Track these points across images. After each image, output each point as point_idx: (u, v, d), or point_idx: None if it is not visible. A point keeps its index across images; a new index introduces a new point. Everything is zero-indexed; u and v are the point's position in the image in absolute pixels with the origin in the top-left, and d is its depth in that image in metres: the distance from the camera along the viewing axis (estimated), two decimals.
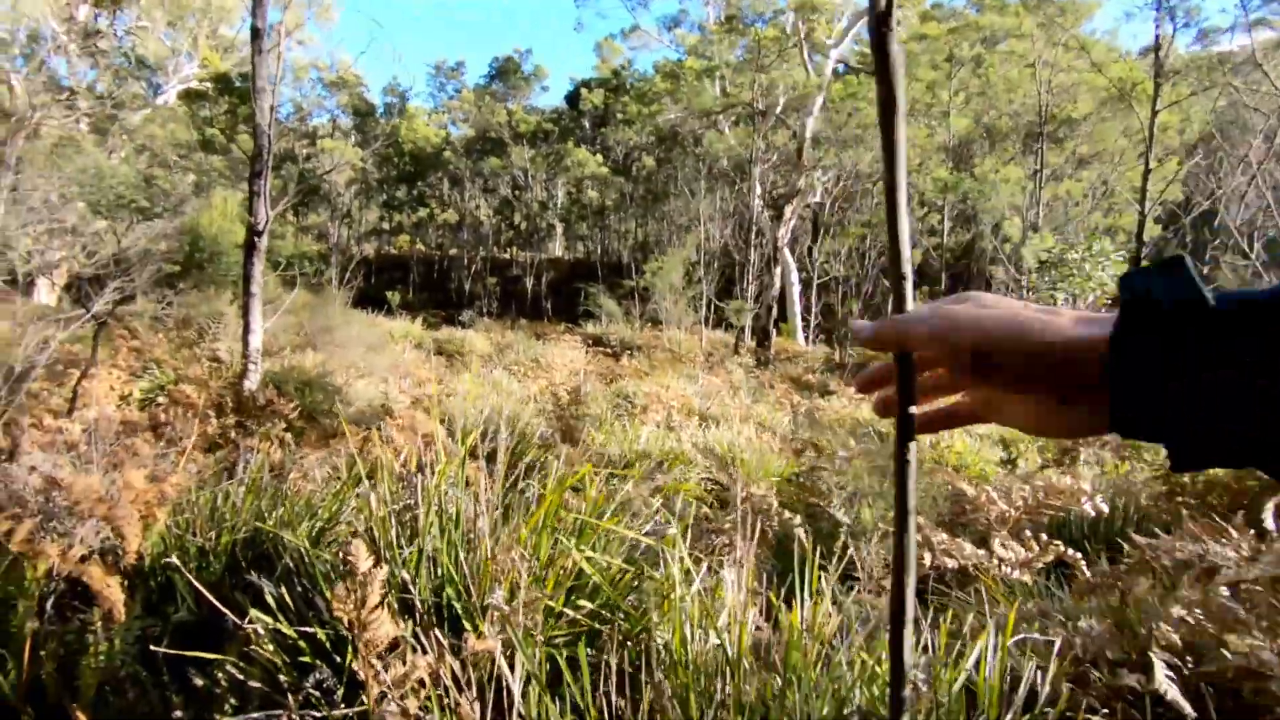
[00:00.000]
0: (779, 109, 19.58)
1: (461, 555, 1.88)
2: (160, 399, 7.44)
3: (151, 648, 2.26)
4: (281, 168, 31.37)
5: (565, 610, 1.80)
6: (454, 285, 32.23)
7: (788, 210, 19.41)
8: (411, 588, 1.75)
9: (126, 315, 9.88)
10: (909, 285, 0.57)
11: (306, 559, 2.26)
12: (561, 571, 1.88)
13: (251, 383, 3.95)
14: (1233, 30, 15.23)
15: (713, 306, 21.25)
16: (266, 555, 2.86)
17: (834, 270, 21.87)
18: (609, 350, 18.81)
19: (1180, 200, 17.45)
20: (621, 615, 1.84)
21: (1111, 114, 17.28)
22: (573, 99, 33.90)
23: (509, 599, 1.72)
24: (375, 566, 1.56)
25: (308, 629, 1.88)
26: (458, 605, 1.82)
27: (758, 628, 1.79)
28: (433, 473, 2.26)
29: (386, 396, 5.14)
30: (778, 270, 20.51)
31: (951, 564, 2.62)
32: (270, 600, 2.03)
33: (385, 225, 38.83)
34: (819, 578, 1.84)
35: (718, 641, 1.71)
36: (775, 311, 19.53)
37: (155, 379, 8.27)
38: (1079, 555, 2.51)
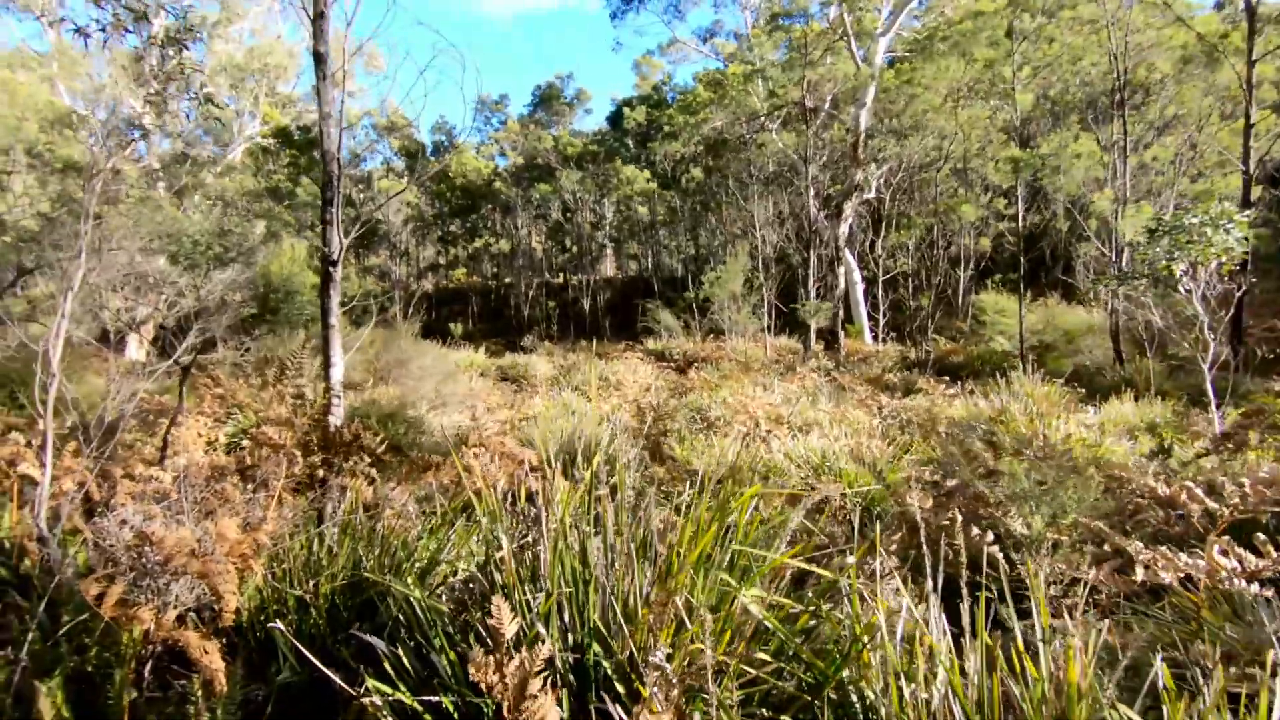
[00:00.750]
0: (828, 104, 19.05)
1: (604, 600, 1.58)
2: (245, 442, 7.51)
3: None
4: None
5: (743, 666, 1.46)
6: (512, 313, 32.59)
7: (846, 207, 18.79)
8: (547, 641, 1.45)
9: (208, 363, 10.15)
10: None
11: (418, 609, 2.00)
12: (728, 618, 1.55)
13: (336, 418, 3.78)
14: None
15: (774, 313, 20.72)
16: (370, 604, 2.62)
17: (900, 265, 21.03)
18: (673, 364, 18.49)
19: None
20: (803, 667, 1.50)
21: (1192, 74, 16.07)
22: (615, 118, 34.07)
23: (675, 656, 1.40)
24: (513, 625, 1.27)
25: (431, 698, 1.60)
26: (606, 664, 1.51)
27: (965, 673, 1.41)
28: (545, 504, 1.97)
29: (473, 424, 4.95)
30: (841, 270, 19.83)
31: (1168, 579, 2.16)
32: (385, 661, 1.76)
33: (441, 260, 39.75)
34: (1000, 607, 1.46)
35: (939, 697, 1.34)
36: (841, 313, 18.85)
37: (239, 423, 8.39)
38: None
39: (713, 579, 1.61)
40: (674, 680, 1.39)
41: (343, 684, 2.23)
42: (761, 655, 1.51)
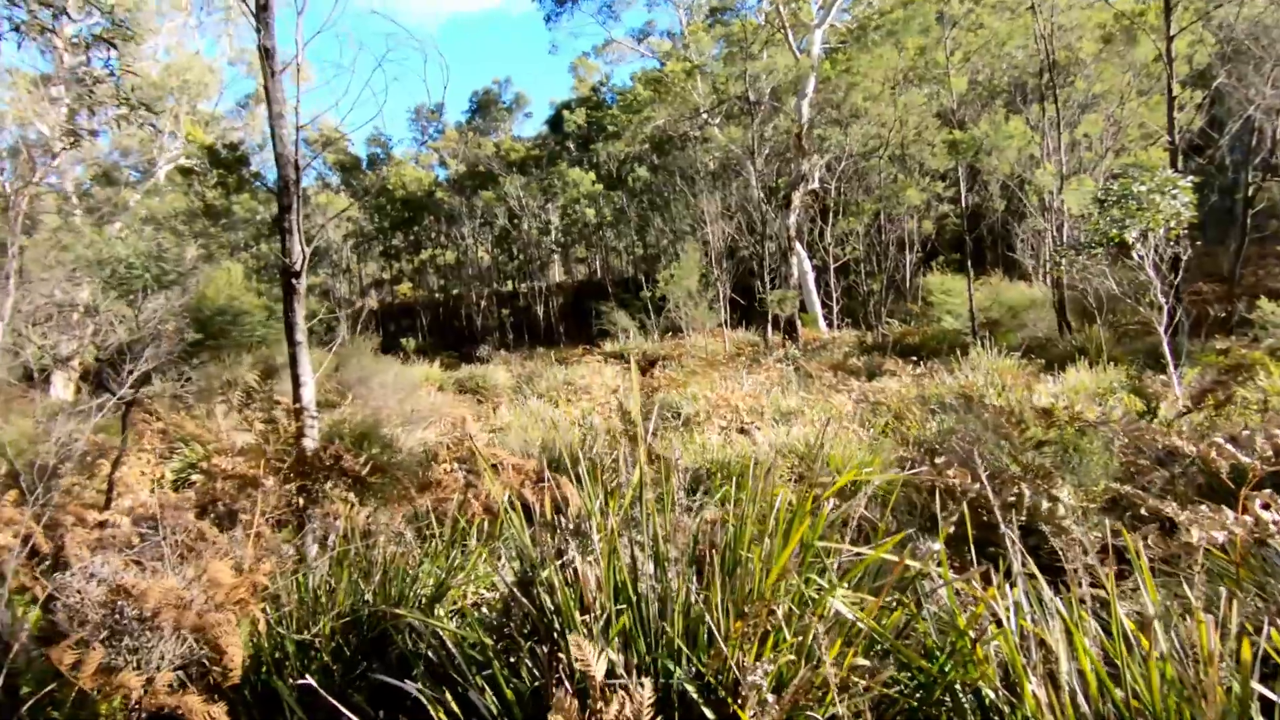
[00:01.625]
0: (770, 96, 19.22)
1: (684, 616, 1.40)
2: (195, 477, 7.03)
3: None
4: (274, 234, 31.36)
5: (851, 676, 1.31)
6: (463, 324, 31.94)
7: (794, 198, 18.98)
8: (648, 680, 1.27)
9: (144, 397, 9.51)
10: None
11: (448, 644, 1.78)
12: (823, 624, 1.39)
13: (311, 440, 3.49)
14: None
15: (730, 307, 20.80)
16: (380, 641, 2.38)
17: (849, 252, 21.37)
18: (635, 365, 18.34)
19: (1198, 130, 16.90)
20: (905, 670, 1.36)
21: (1113, 52, 16.79)
22: (555, 122, 33.75)
23: (770, 673, 1.24)
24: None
25: None
26: (691, 687, 1.34)
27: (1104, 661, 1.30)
28: (588, 516, 1.79)
29: (464, 436, 4.69)
30: (793, 260, 20.04)
31: (1220, 537, 2.11)
32: (428, 704, 1.54)
33: (385, 275, 38.71)
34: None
35: (1079, 689, 1.22)
36: (796, 303, 19.03)
37: (185, 457, 7.86)
38: None
39: (792, 582, 1.46)
40: (772, 700, 1.23)
41: None
42: (861, 661, 1.36)
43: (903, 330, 18.23)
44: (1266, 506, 2.22)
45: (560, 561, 1.69)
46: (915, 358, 13.25)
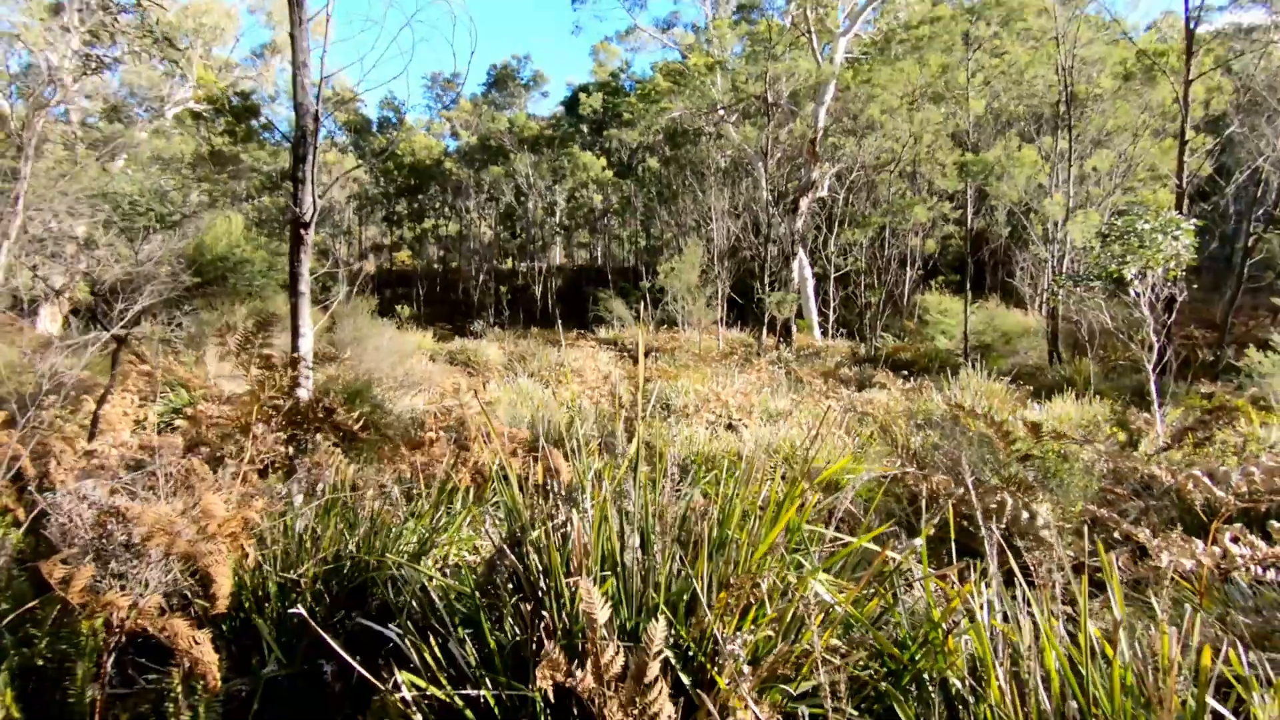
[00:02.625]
0: (787, 99, 19.20)
1: (649, 581, 1.44)
2: (179, 422, 7.01)
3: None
4: (279, 187, 31.12)
5: (826, 656, 1.35)
6: (460, 297, 31.83)
7: (802, 204, 19.01)
8: (660, 622, 1.30)
9: (132, 338, 9.46)
10: None
11: (433, 595, 1.82)
12: (802, 605, 1.43)
13: (305, 392, 3.51)
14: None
15: (727, 306, 20.85)
16: (360, 589, 2.41)
17: (850, 263, 21.44)
18: (628, 354, 18.38)
19: (1206, 176, 17.04)
20: (877, 656, 1.41)
21: (1131, 90, 16.89)
22: (571, 104, 33.59)
23: (746, 644, 1.28)
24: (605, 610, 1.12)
25: (472, 692, 1.43)
26: (670, 654, 1.38)
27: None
28: (581, 483, 1.83)
29: (455, 403, 4.71)
30: (794, 265, 20.09)
31: (1189, 564, 2.17)
32: (409, 651, 1.58)
33: (385, 240, 38.48)
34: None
35: (1041, 683, 1.27)
36: (795, 307, 19.10)
37: (171, 401, 7.83)
38: None
39: (776, 562, 1.50)
40: (748, 671, 1.27)
41: (332, 671, 2.03)
42: (835, 642, 1.41)
43: (896, 345, 18.35)
44: (1236, 540, 2.28)
45: (552, 524, 1.72)
46: (906, 373, 13.35)
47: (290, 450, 3.45)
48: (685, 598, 1.48)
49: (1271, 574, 2.18)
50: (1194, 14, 11.27)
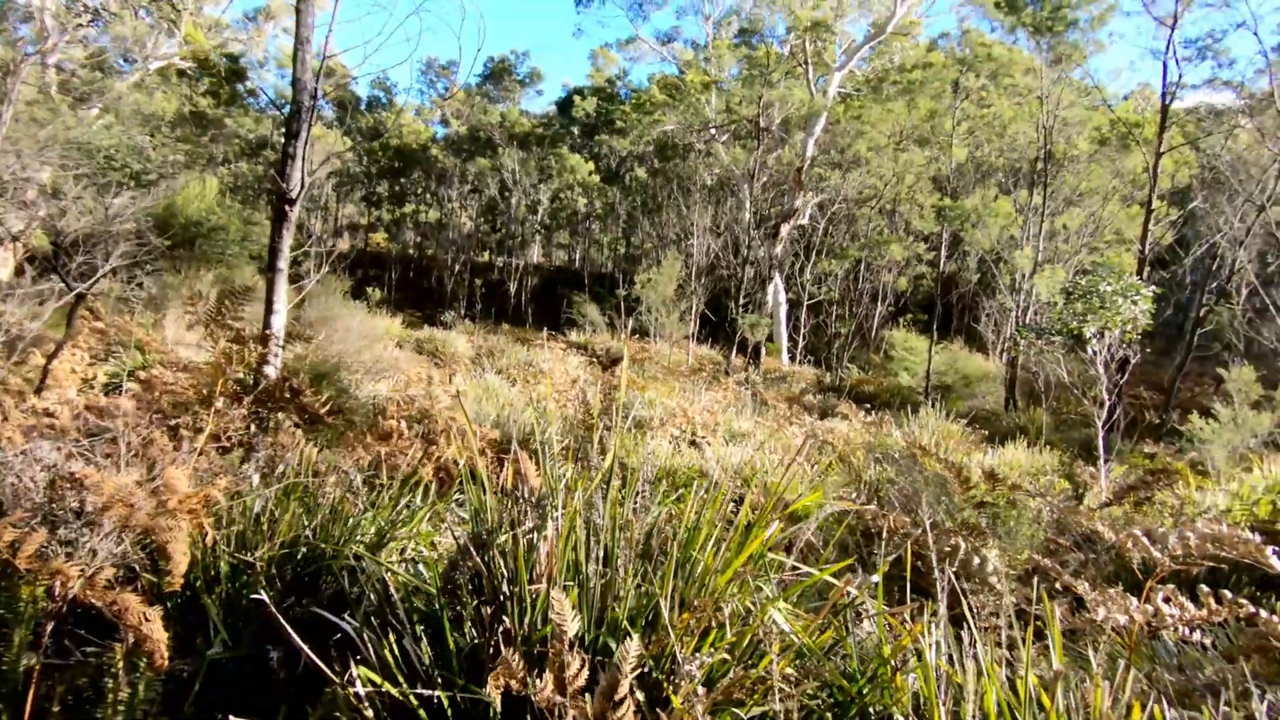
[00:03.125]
0: (778, 126, 19.52)
1: (613, 595, 1.47)
2: (130, 384, 6.81)
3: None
4: (259, 154, 30.45)
5: (780, 685, 1.39)
6: (433, 285, 31.47)
7: (783, 230, 19.29)
8: (634, 638, 1.32)
9: (88, 293, 9.16)
10: None
11: (391, 589, 1.81)
12: (757, 629, 1.47)
13: (273, 369, 3.45)
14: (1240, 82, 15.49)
15: (700, 322, 21.00)
16: (315, 576, 2.39)
17: (824, 292, 21.81)
18: (597, 360, 18.39)
19: (1167, 245, 17.79)
20: (825, 688, 1.45)
21: (1106, 155, 17.58)
22: (565, 105, 33.59)
23: (704, 666, 1.31)
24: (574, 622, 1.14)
25: (425, 692, 1.43)
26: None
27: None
28: (551, 491, 1.84)
29: (425, 395, 4.65)
30: (770, 289, 20.35)
31: (1122, 620, 2.28)
32: (368, 649, 1.57)
33: (363, 220, 37.91)
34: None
35: None
36: (767, 331, 19.33)
37: (123, 362, 7.60)
38: (1273, 618, 2.21)
39: (739, 588, 1.54)
40: (703, 692, 1.30)
41: (279, 663, 2.00)
42: (789, 670, 1.45)
43: (860, 378, 18.69)
44: (1167, 600, 2.40)
45: (519, 530, 1.73)
46: (869, 406, 13.61)
47: (253, 428, 3.39)
48: (647, 614, 1.51)
49: (1197, 635, 2.29)
50: (1170, 90, 11.79)
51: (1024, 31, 15.03)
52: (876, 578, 1.58)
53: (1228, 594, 2.35)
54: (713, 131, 21.37)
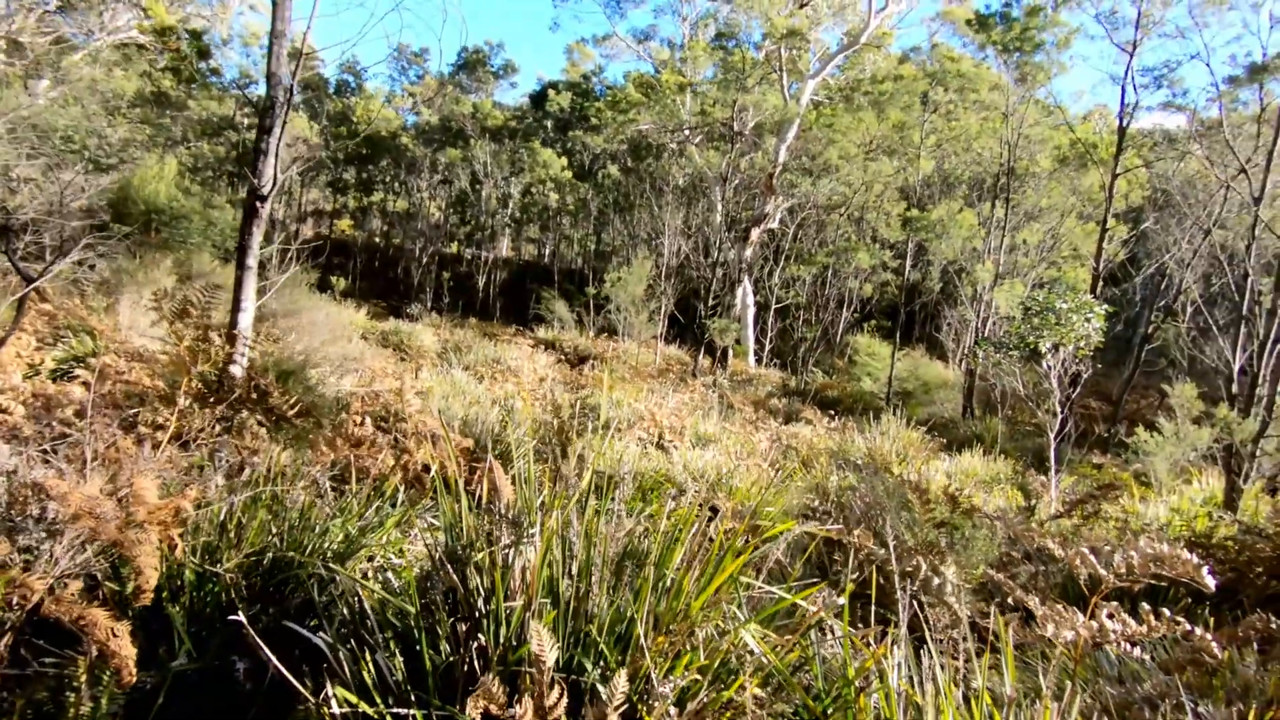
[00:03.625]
0: (751, 130, 19.70)
1: (589, 616, 1.50)
2: (79, 372, 6.59)
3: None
4: (220, 135, 29.55)
5: (753, 706, 1.43)
6: (399, 276, 30.97)
7: (753, 233, 19.48)
8: (621, 677, 1.35)
9: (36, 275, 8.82)
10: None
11: (365, 603, 1.81)
12: (729, 651, 1.52)
13: (239, 368, 3.40)
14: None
15: (668, 323, 21.10)
16: (281, 586, 2.36)
17: (792, 296, 22.08)
18: (565, 357, 18.33)
19: (1119, 262, 18.48)
20: (792, 708, 1.50)
21: (1065, 173, 18.15)
22: (538, 99, 33.34)
23: (677, 688, 1.35)
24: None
25: (402, 710, 1.44)
26: (603, 689, 1.44)
27: None
28: (527, 507, 1.86)
29: (395, 396, 4.59)
30: (739, 292, 20.53)
31: (1069, 635, 2.39)
32: (343, 667, 1.57)
33: (328, 207, 37.11)
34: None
35: None
36: (735, 334, 19.51)
37: (72, 348, 7.33)
38: (1205, 634, 2.35)
39: (714, 612, 1.58)
40: (674, 713, 1.34)
41: (245, 675, 1.98)
42: (758, 691, 1.50)
43: (825, 382, 18.99)
44: (1111, 616, 2.52)
45: (496, 547, 1.75)
46: (833, 411, 13.86)
47: (217, 429, 3.32)
48: (621, 633, 1.54)
49: (1137, 650, 2.42)
50: (1127, 112, 12.23)
51: (993, 50, 15.46)
52: (842, 600, 1.64)
53: (1166, 612, 2.48)
54: (687, 133, 21.46)
